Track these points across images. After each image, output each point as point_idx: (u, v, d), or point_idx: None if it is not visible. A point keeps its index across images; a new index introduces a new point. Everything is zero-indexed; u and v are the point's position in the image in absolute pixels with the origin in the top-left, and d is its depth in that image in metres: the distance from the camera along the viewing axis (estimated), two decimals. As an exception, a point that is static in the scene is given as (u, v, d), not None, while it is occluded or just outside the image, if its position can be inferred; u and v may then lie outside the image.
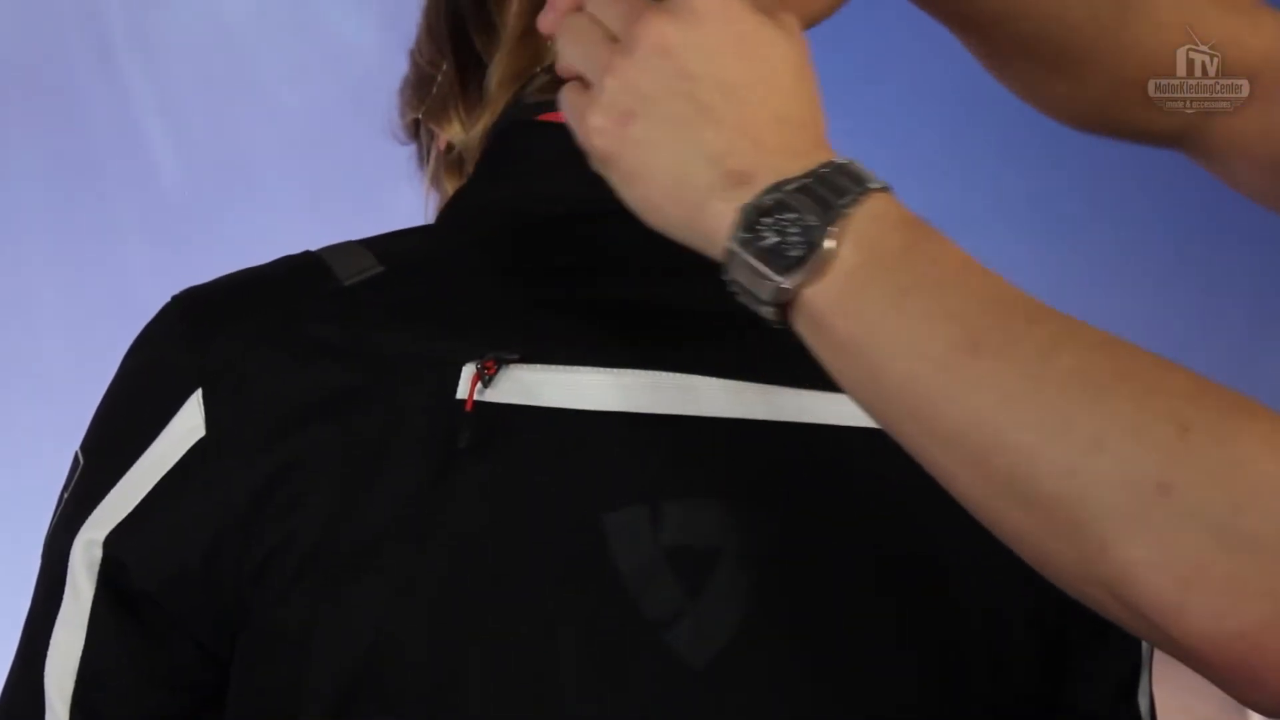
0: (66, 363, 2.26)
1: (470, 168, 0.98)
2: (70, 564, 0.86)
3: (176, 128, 2.36)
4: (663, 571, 0.84)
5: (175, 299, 0.91)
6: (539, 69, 0.96)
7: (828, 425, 0.88)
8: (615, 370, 0.86)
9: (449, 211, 0.97)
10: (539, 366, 0.85)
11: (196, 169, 2.34)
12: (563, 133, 0.93)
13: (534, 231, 0.92)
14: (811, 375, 0.87)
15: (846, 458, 0.88)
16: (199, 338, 0.87)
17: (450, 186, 1.01)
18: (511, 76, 0.96)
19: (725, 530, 0.85)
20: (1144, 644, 0.95)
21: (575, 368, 0.86)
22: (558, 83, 0.88)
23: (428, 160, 1.04)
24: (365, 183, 2.16)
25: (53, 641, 0.86)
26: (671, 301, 0.89)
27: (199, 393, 0.86)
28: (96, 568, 0.85)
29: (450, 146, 1.01)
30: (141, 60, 2.39)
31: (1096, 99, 1.14)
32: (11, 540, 1.42)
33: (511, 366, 0.85)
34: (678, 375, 0.87)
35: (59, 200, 2.33)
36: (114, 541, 0.85)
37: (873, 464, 0.88)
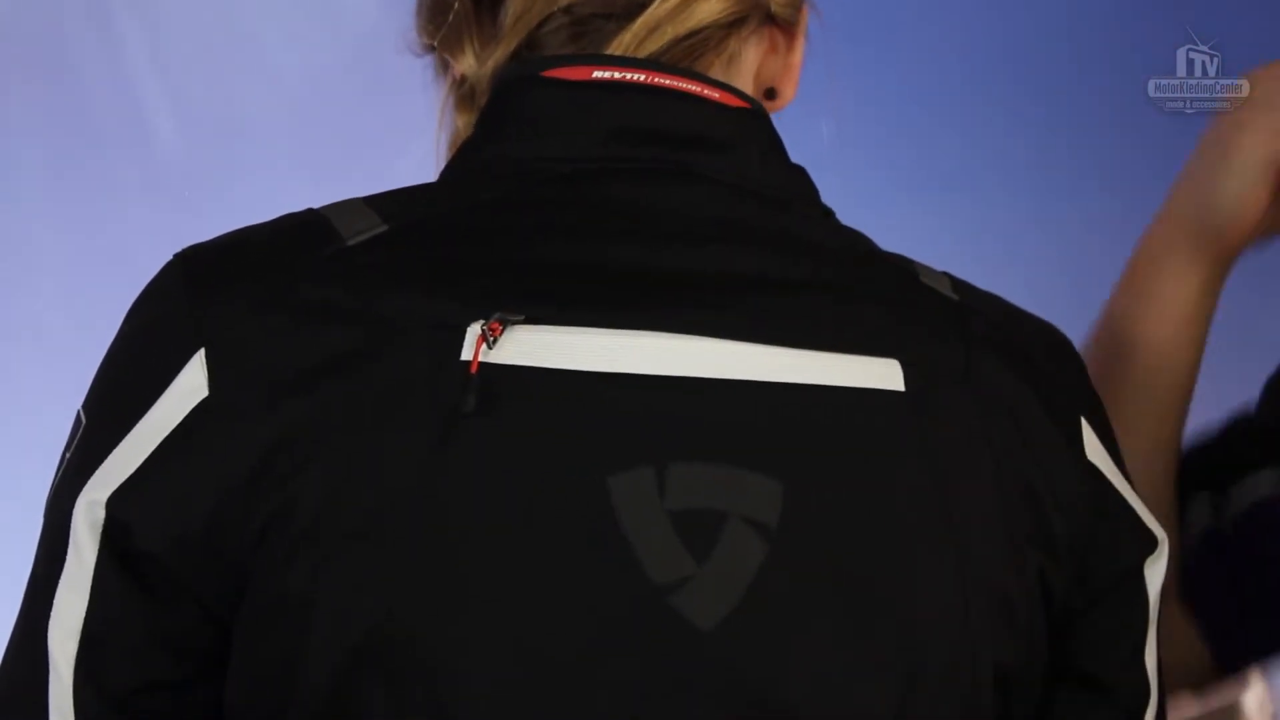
0: (66, 325, 2.25)
1: (481, 101, 0.97)
2: (73, 524, 0.85)
3: (174, 90, 2.35)
4: (668, 534, 0.84)
5: (177, 257, 0.90)
6: (557, 9, 0.95)
7: (832, 386, 0.87)
8: (620, 332, 0.86)
9: (453, 168, 0.96)
10: (544, 328, 0.85)
11: (194, 131, 2.33)
12: (569, 90, 0.93)
13: (539, 191, 0.91)
14: (814, 337, 0.87)
15: (851, 418, 0.88)
16: (201, 297, 0.87)
17: (460, 120, 1.00)
18: (528, 14, 0.95)
19: (731, 493, 0.85)
20: (1150, 602, 0.95)
21: (580, 329, 0.85)
22: (575, 29, 0.88)
23: (444, 76, 1.03)
24: (364, 144, 2.16)
25: (56, 602, 0.86)
26: (676, 263, 0.89)
27: (202, 353, 0.85)
28: (100, 528, 0.85)
29: (463, 79, 1.00)
30: (139, 22, 2.38)
31: None
32: (12, 501, 1.42)
33: (516, 328, 0.85)
34: (682, 337, 0.86)
35: (57, 163, 2.32)
36: (117, 502, 0.84)
37: (877, 424, 0.88)
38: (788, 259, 0.91)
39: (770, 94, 1.01)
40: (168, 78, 2.36)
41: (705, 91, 0.94)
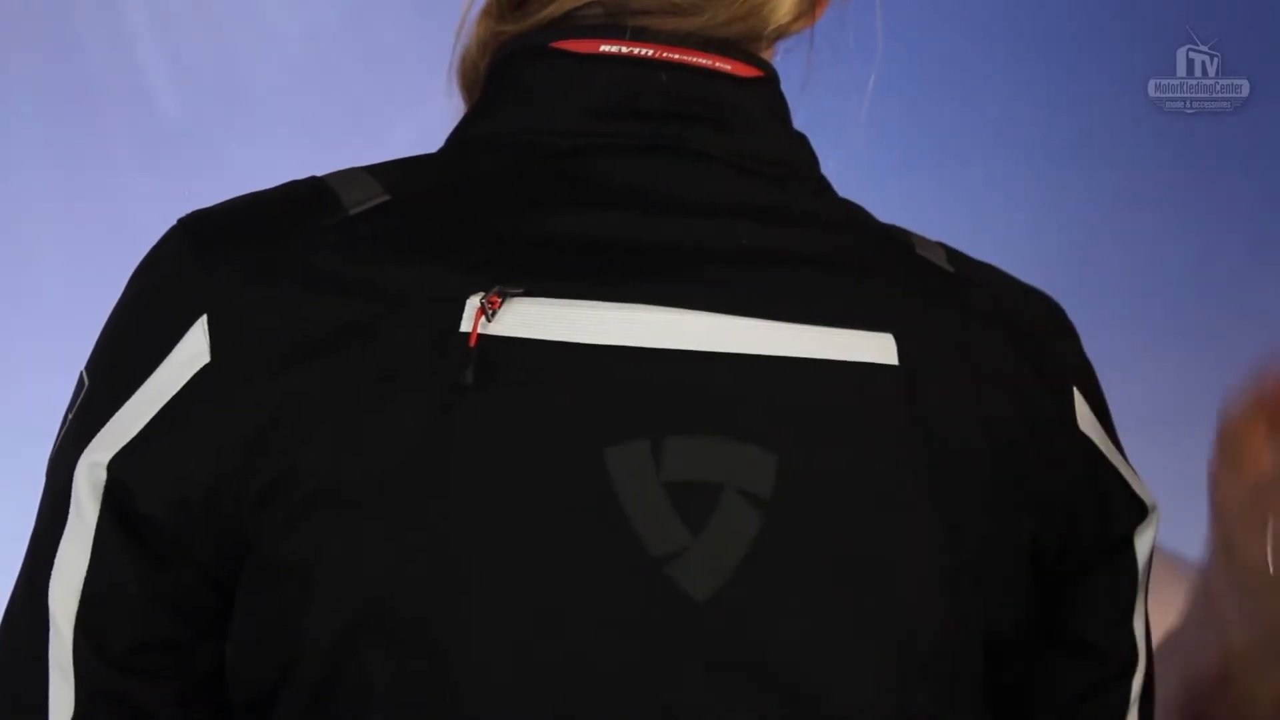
0: (66, 291, 2.25)
1: (495, 9, 0.96)
2: (75, 485, 0.85)
3: (174, 57, 2.35)
4: (664, 506, 0.84)
5: (181, 222, 0.90)
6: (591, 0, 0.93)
7: (826, 360, 0.88)
8: (618, 305, 0.86)
9: (455, 138, 0.96)
10: (543, 300, 0.85)
11: (194, 96, 2.32)
12: (572, 63, 0.93)
13: (538, 164, 0.91)
14: (809, 311, 0.88)
15: (845, 392, 0.88)
16: (205, 263, 0.87)
17: (482, 27, 0.98)
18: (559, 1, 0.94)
19: (726, 465, 0.85)
20: (1139, 569, 0.97)
21: (579, 302, 0.86)
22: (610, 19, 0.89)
23: None
24: (364, 111, 2.15)
25: (57, 561, 0.86)
26: (672, 238, 0.89)
27: (204, 319, 0.85)
28: (101, 490, 0.85)
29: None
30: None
31: None
32: (12, 469, 1.42)
33: (515, 300, 0.85)
34: (678, 311, 0.87)
35: (57, 129, 2.32)
36: (118, 465, 0.85)
37: (871, 398, 0.88)
38: (783, 233, 0.91)
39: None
40: (168, 45, 2.36)
41: (717, 64, 0.93)
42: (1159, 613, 1.01)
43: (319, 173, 0.92)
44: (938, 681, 0.88)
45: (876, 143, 2.21)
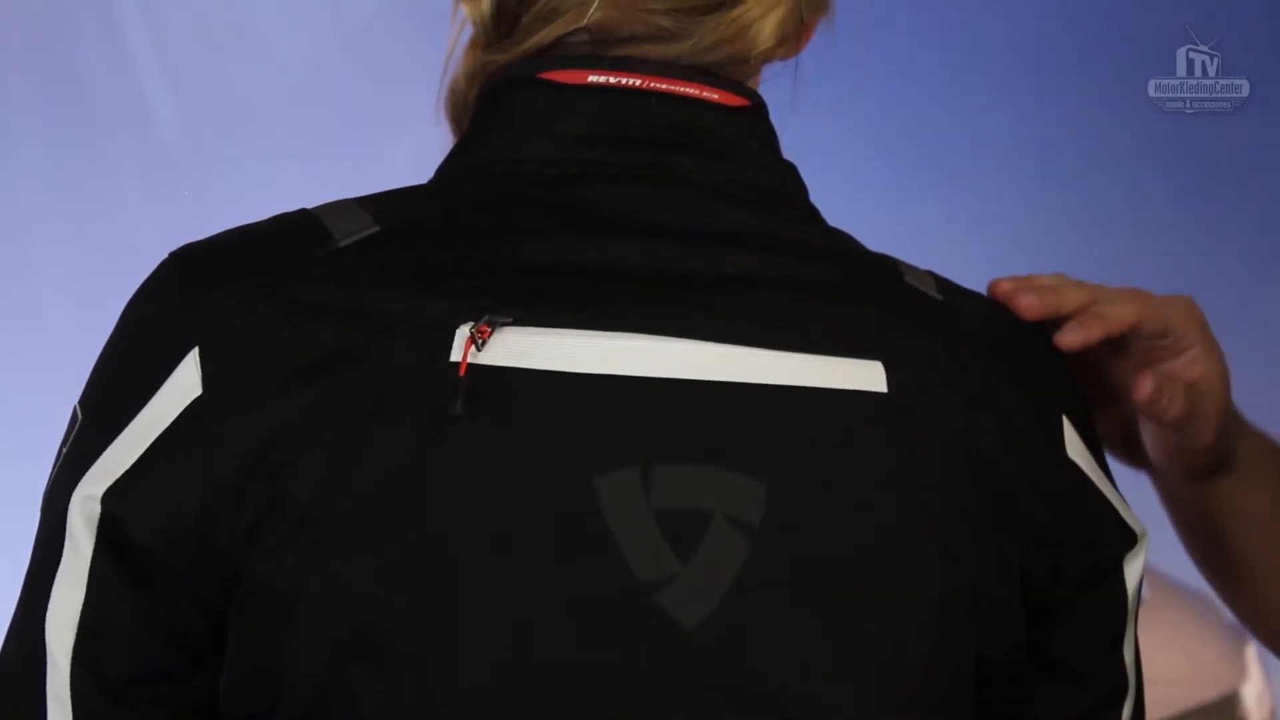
0: (65, 310, 2.26)
1: (483, 39, 0.97)
2: (69, 519, 0.86)
3: (174, 77, 2.36)
4: (654, 534, 0.84)
5: (172, 256, 0.91)
6: (578, 27, 0.94)
7: (815, 388, 0.88)
8: (606, 334, 0.86)
9: (446, 169, 0.97)
10: (532, 329, 0.86)
11: (193, 117, 2.33)
12: (560, 93, 0.93)
13: (526, 193, 0.92)
14: (798, 339, 0.88)
15: (834, 420, 0.88)
16: (196, 296, 0.87)
17: (469, 59, 0.99)
18: (547, 29, 0.94)
19: (715, 493, 0.85)
20: (1129, 598, 0.97)
21: (568, 330, 0.86)
22: (596, 47, 0.89)
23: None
24: (362, 131, 2.16)
25: (53, 595, 0.86)
26: (660, 266, 0.89)
27: (196, 351, 0.86)
28: (95, 523, 0.85)
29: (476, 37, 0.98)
30: (139, 8, 2.38)
31: None
32: (13, 485, 1.42)
33: (504, 329, 0.85)
34: (667, 340, 0.87)
35: (57, 149, 2.32)
36: (111, 498, 0.85)
37: (860, 426, 0.89)
38: (772, 261, 0.92)
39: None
40: (168, 64, 2.37)
41: (704, 94, 0.94)
42: (1158, 633, 1.01)
43: (319, 192, 0.93)
44: (926, 709, 0.88)
45: (870, 154, 2.22)
